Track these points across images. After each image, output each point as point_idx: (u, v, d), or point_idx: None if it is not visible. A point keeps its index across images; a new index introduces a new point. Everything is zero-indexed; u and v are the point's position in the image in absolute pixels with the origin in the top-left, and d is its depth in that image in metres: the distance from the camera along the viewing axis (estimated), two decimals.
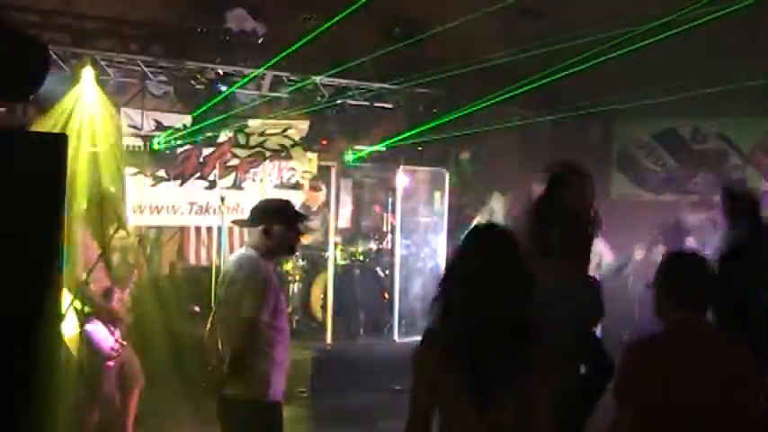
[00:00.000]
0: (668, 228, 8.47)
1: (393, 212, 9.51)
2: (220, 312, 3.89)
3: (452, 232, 9.33)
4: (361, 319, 8.76)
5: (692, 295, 2.74)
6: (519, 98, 7.45)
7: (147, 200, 8.56)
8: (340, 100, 9.22)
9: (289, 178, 9.40)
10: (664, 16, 5.22)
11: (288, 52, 6.41)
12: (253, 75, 8.39)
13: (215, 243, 8.72)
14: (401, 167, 9.37)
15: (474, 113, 8.28)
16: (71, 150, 7.56)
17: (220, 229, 8.65)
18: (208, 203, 8.96)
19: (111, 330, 5.24)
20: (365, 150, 9.58)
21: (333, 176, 9.10)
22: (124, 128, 8.38)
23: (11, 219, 2.60)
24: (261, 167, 9.25)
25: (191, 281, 8.80)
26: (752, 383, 2.73)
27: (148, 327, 6.79)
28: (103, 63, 8.11)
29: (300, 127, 9.38)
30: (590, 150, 10.68)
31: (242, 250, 3.91)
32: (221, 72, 8.60)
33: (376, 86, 9.22)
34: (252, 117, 8.98)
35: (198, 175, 8.96)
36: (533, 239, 4.22)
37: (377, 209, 10.49)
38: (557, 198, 4.48)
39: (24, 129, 6.32)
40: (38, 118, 7.41)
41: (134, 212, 8.42)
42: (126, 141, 8.42)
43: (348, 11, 4.67)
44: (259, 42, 8.74)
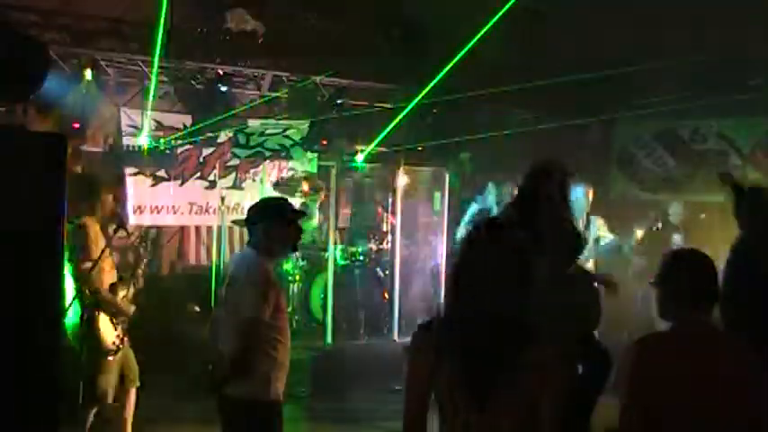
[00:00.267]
0: None
1: (393, 212, 9.51)
2: (221, 312, 3.89)
3: (452, 232, 9.32)
4: (361, 319, 8.75)
5: (697, 295, 2.73)
6: (519, 98, 7.45)
7: (147, 200, 8.56)
8: (340, 100, 9.22)
9: (289, 178, 9.39)
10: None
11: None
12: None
13: (215, 243, 8.72)
14: (401, 167, 9.37)
15: (474, 113, 8.27)
16: (71, 150, 7.59)
17: (220, 229, 8.65)
18: (208, 203, 8.96)
19: (114, 324, 5.26)
20: (365, 150, 9.58)
21: (333, 176, 9.09)
22: (124, 128, 8.39)
23: (11, 218, 2.59)
24: (261, 167, 9.25)
25: (191, 281, 8.80)
26: (754, 384, 2.72)
27: (148, 326, 6.79)
28: (103, 63, 8.12)
29: (300, 127, 9.39)
30: (590, 150, 10.68)
31: (243, 250, 3.92)
32: (221, 72, 8.61)
33: (376, 86, 9.22)
34: (252, 117, 8.98)
35: (198, 175, 8.96)
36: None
37: (377, 209, 10.49)
38: (535, 193, 4.45)
39: (24, 129, 6.31)
40: (38, 118, 7.41)
41: (134, 212, 8.42)
42: (126, 141, 8.43)
43: None
44: (259, 42, 8.74)
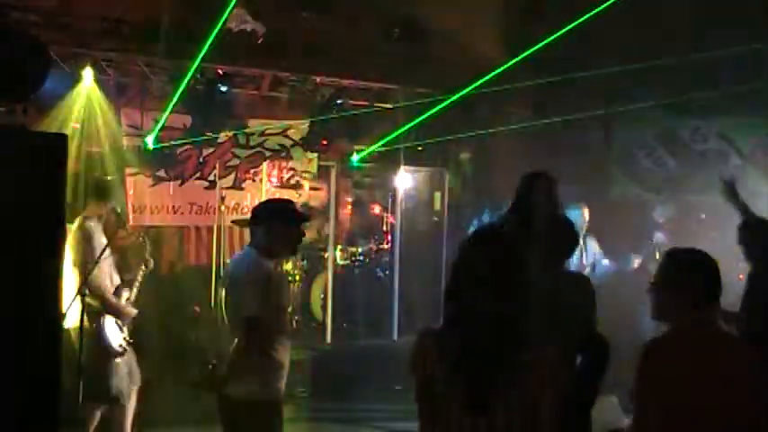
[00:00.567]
0: None
1: (393, 212, 9.51)
2: (221, 312, 3.89)
3: (452, 232, 9.33)
4: (361, 319, 8.76)
5: (705, 296, 2.74)
6: (519, 98, 7.45)
7: (147, 200, 8.56)
8: (340, 100, 9.21)
9: (289, 178, 9.39)
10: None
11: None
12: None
13: (215, 243, 8.72)
14: (401, 167, 9.37)
15: (474, 114, 8.27)
16: (71, 150, 7.59)
17: (220, 229, 8.65)
18: (208, 203, 8.96)
19: (119, 327, 5.25)
20: (365, 150, 9.58)
21: (333, 176, 9.09)
22: (124, 128, 8.39)
23: (11, 218, 2.60)
24: (261, 167, 9.25)
25: (191, 281, 8.80)
26: (756, 383, 2.73)
27: (148, 327, 6.79)
28: (103, 63, 8.11)
29: (300, 127, 9.38)
30: (590, 150, 10.67)
31: (244, 251, 3.91)
32: (221, 72, 8.60)
33: (376, 86, 9.21)
34: (252, 117, 8.98)
35: (198, 175, 8.96)
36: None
37: (377, 209, 10.49)
38: (527, 200, 4.74)
39: (24, 129, 6.30)
40: (38, 118, 7.40)
41: (134, 212, 8.42)
42: (126, 141, 8.43)
43: None
44: (259, 42, 8.73)
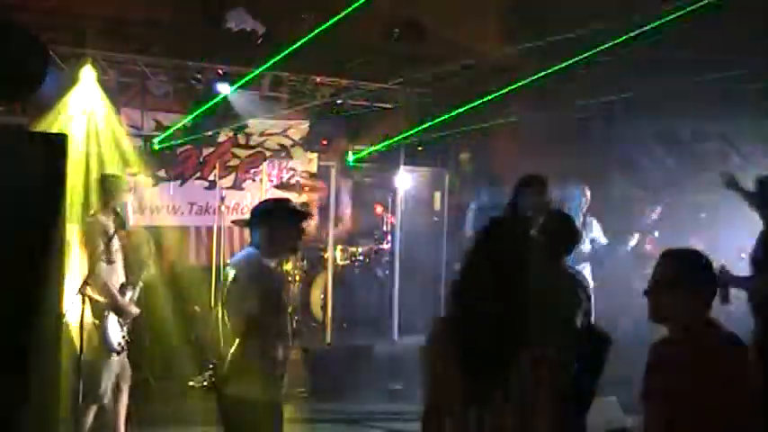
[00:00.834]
0: None
1: (393, 212, 9.51)
2: (222, 312, 3.89)
3: (452, 232, 9.31)
4: (361, 319, 8.76)
5: (705, 294, 2.75)
6: (519, 98, 7.44)
7: (147, 200, 8.56)
8: (340, 100, 9.21)
9: (289, 178, 9.39)
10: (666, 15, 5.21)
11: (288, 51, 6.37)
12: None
13: (215, 243, 8.72)
14: (401, 167, 9.36)
15: (474, 114, 8.25)
16: (71, 150, 7.58)
17: (220, 229, 8.65)
18: (208, 203, 8.96)
19: (120, 325, 5.26)
20: (365, 150, 9.58)
21: (333, 176, 9.09)
22: (124, 128, 8.38)
23: (11, 218, 2.60)
24: (261, 167, 9.25)
25: (191, 281, 8.79)
26: (755, 383, 2.75)
27: (148, 326, 6.80)
28: (103, 63, 8.11)
29: (300, 127, 9.38)
30: (590, 150, 10.67)
31: (244, 250, 3.91)
32: (221, 72, 8.60)
33: (376, 86, 9.21)
34: (252, 117, 8.98)
35: (198, 175, 8.96)
36: None
37: (377, 209, 10.49)
38: (517, 203, 5.05)
39: (24, 129, 6.32)
40: (38, 118, 7.40)
41: (134, 212, 8.42)
42: (126, 141, 8.42)
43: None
44: (259, 42, 8.72)
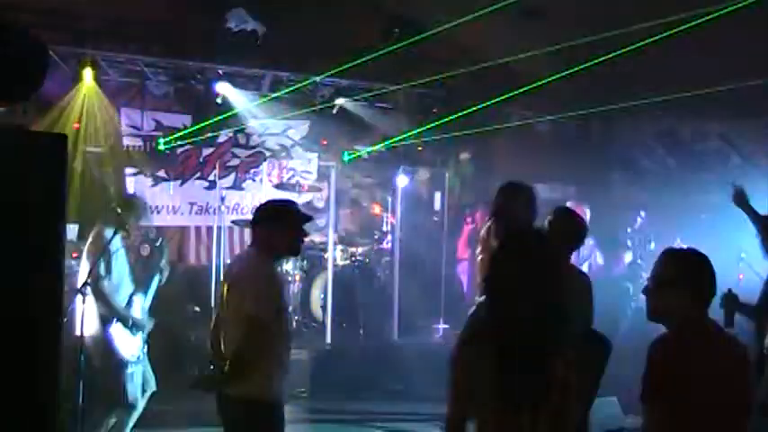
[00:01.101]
0: None
1: (393, 212, 9.51)
2: (223, 312, 3.88)
3: (452, 232, 9.32)
4: (361, 319, 8.75)
5: (705, 293, 2.76)
6: (519, 98, 7.44)
7: (147, 200, 8.54)
8: (340, 100, 9.22)
9: (289, 178, 9.39)
10: (665, 16, 5.22)
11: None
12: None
13: (215, 243, 8.73)
14: (401, 167, 9.36)
15: (474, 114, 8.26)
16: (71, 150, 7.59)
17: (220, 229, 8.65)
18: (208, 203, 8.96)
19: (132, 336, 5.19)
20: (365, 150, 9.58)
21: (333, 176, 9.09)
22: (124, 128, 8.39)
23: (11, 219, 2.59)
24: (261, 167, 9.25)
25: (191, 281, 8.80)
26: (749, 378, 2.76)
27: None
28: (103, 63, 8.12)
29: (300, 127, 9.38)
30: (590, 150, 10.68)
31: (246, 250, 3.90)
32: (221, 72, 8.61)
33: (376, 86, 9.22)
34: (252, 117, 8.98)
35: (198, 175, 8.97)
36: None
37: (377, 209, 10.48)
38: (505, 210, 4.99)
39: (24, 129, 6.30)
40: (38, 118, 7.41)
41: None
42: (126, 141, 8.43)
43: None
44: (259, 42, 8.73)
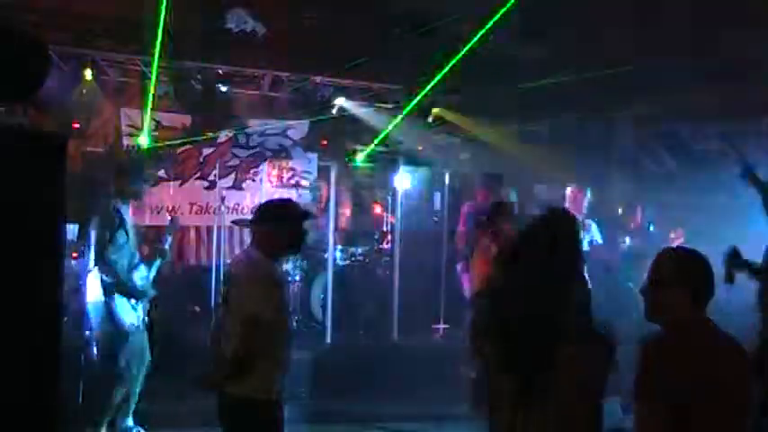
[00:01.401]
0: None
1: (393, 212, 9.50)
2: (223, 311, 3.88)
3: (452, 232, 9.29)
4: (361, 319, 8.75)
5: (704, 292, 2.76)
6: (519, 98, 7.45)
7: (147, 200, 8.55)
8: (340, 100, 9.21)
9: (289, 178, 9.39)
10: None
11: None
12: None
13: (215, 243, 8.72)
14: (401, 167, 9.36)
15: (474, 113, 8.27)
16: (71, 150, 7.59)
17: (220, 229, 8.65)
18: (208, 203, 8.96)
19: (133, 306, 5.24)
20: (365, 150, 9.57)
21: (333, 176, 9.09)
22: (124, 128, 8.39)
23: (11, 219, 2.59)
24: (261, 167, 9.25)
25: (191, 281, 8.79)
26: (748, 379, 2.76)
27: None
28: (103, 63, 8.12)
29: (300, 127, 9.38)
30: (590, 150, 10.68)
31: (247, 250, 3.90)
32: (221, 72, 8.61)
33: (376, 86, 9.21)
34: (252, 117, 8.98)
35: (198, 175, 8.96)
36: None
37: (377, 209, 10.48)
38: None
39: (24, 129, 6.30)
40: (38, 118, 7.40)
41: (133, 213, 8.41)
42: (126, 141, 8.42)
43: None
44: (259, 42, 8.73)
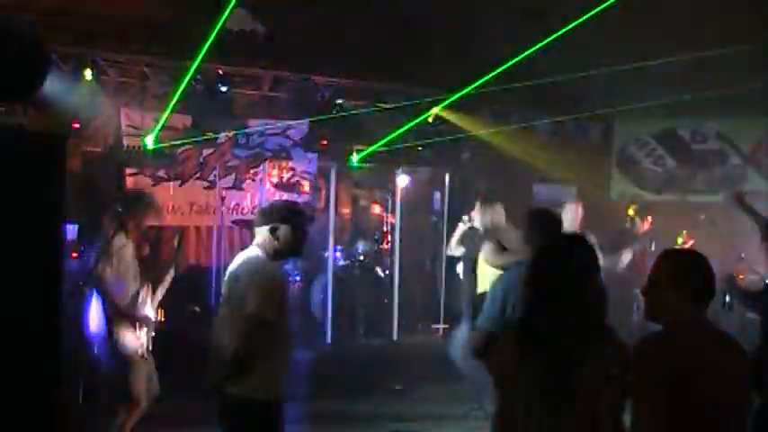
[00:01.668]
0: None
1: (393, 212, 9.51)
2: (224, 311, 3.88)
3: (452, 232, 9.28)
4: (361, 319, 8.75)
5: (703, 293, 2.76)
6: (519, 98, 7.45)
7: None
8: (340, 100, 9.21)
9: (289, 178, 9.40)
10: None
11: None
12: None
13: (215, 243, 8.72)
14: (401, 167, 9.37)
15: (474, 113, 8.27)
16: (71, 150, 7.59)
17: (220, 229, 8.65)
18: (208, 203, 8.96)
19: (136, 334, 5.17)
20: (365, 150, 9.57)
21: (333, 176, 9.09)
22: (124, 128, 8.38)
23: (11, 219, 2.59)
24: (261, 167, 9.25)
25: (191, 281, 8.78)
26: (746, 380, 2.76)
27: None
28: (103, 63, 8.11)
29: (300, 127, 9.38)
30: (590, 150, 10.67)
31: (248, 250, 3.89)
32: (221, 72, 8.60)
33: (376, 86, 9.21)
34: (252, 117, 8.98)
35: (198, 175, 8.96)
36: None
37: (377, 209, 10.48)
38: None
39: (24, 129, 6.30)
40: (38, 118, 7.40)
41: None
42: (126, 141, 8.42)
43: None
44: (259, 42, 8.73)
